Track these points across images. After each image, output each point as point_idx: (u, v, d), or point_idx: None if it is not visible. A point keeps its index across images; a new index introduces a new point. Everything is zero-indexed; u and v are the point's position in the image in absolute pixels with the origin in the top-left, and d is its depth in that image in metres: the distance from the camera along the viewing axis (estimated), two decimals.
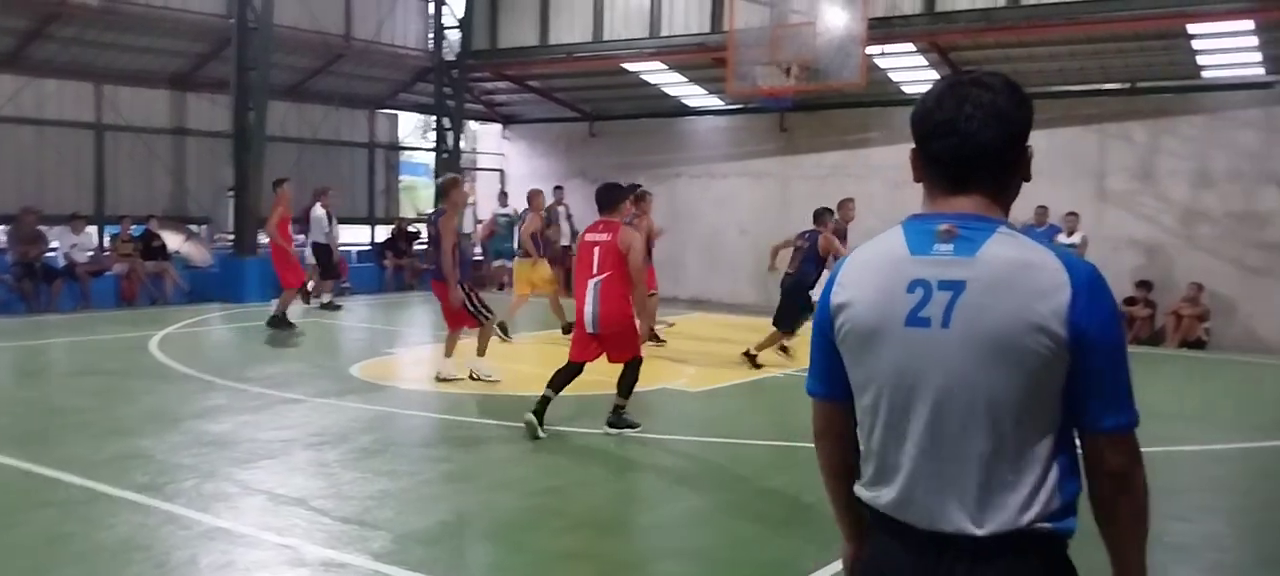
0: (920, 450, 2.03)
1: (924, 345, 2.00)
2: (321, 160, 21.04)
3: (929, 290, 2.00)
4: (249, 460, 7.16)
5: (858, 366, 2.13)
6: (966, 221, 2.03)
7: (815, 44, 15.18)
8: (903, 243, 2.07)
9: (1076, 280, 1.93)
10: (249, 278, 17.50)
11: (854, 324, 2.10)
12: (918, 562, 2.05)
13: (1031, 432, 1.97)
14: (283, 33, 18.00)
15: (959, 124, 2.05)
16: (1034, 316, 1.92)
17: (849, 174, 18.34)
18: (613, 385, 8.33)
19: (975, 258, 1.99)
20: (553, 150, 23.18)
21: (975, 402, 1.98)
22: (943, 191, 2.10)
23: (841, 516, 2.37)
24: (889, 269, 2.07)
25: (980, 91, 2.05)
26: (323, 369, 11.21)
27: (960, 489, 1.99)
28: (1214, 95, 15.82)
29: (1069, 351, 1.93)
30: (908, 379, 2.03)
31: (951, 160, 2.07)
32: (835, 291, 2.15)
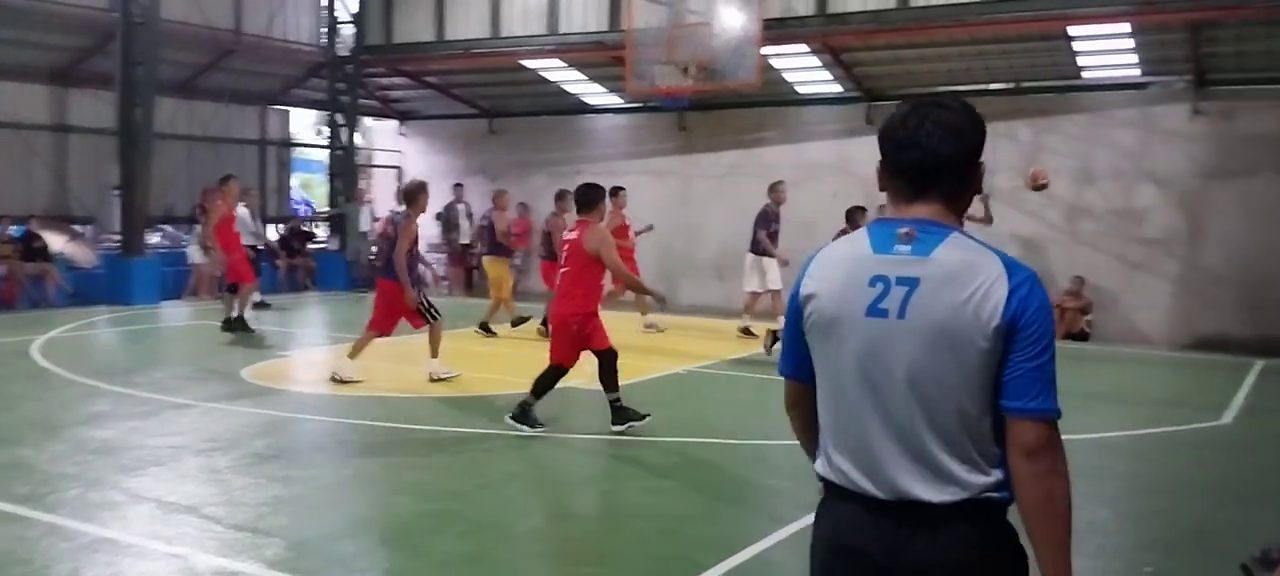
0: (877, 426, 2.28)
1: (882, 333, 2.26)
2: (212, 158, 20.46)
3: (888, 285, 2.27)
4: (136, 467, 6.96)
5: (822, 351, 2.38)
6: (924, 226, 2.30)
7: (712, 44, 15.34)
8: (867, 243, 2.35)
9: (1013, 280, 2.20)
10: (136, 279, 16.96)
11: (820, 313, 2.36)
12: (877, 528, 2.28)
13: (976, 412, 2.23)
14: (170, 27, 17.48)
15: (920, 139, 2.32)
16: (976, 310, 2.19)
17: (746, 172, 18.56)
18: (515, 386, 8.30)
19: (929, 258, 2.26)
20: (451, 147, 22.98)
21: (926, 385, 2.23)
22: (905, 198, 2.36)
23: None
24: (854, 265, 2.34)
25: (940, 111, 2.34)
26: (213, 372, 10.94)
27: (913, 461, 2.25)
28: (1094, 95, 16.42)
29: (1004, 340, 2.19)
30: (867, 362, 2.29)
31: (913, 171, 2.34)
32: (805, 283, 2.41)
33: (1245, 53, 15.18)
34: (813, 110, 18.66)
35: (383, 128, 24.81)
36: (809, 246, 9.02)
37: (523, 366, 11.61)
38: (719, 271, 18.38)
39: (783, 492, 6.92)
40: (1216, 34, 14.77)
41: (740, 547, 5.60)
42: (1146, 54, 15.48)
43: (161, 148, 18.02)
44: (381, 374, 11.60)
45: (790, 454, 7.68)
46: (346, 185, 21.29)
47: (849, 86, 17.92)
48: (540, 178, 20.56)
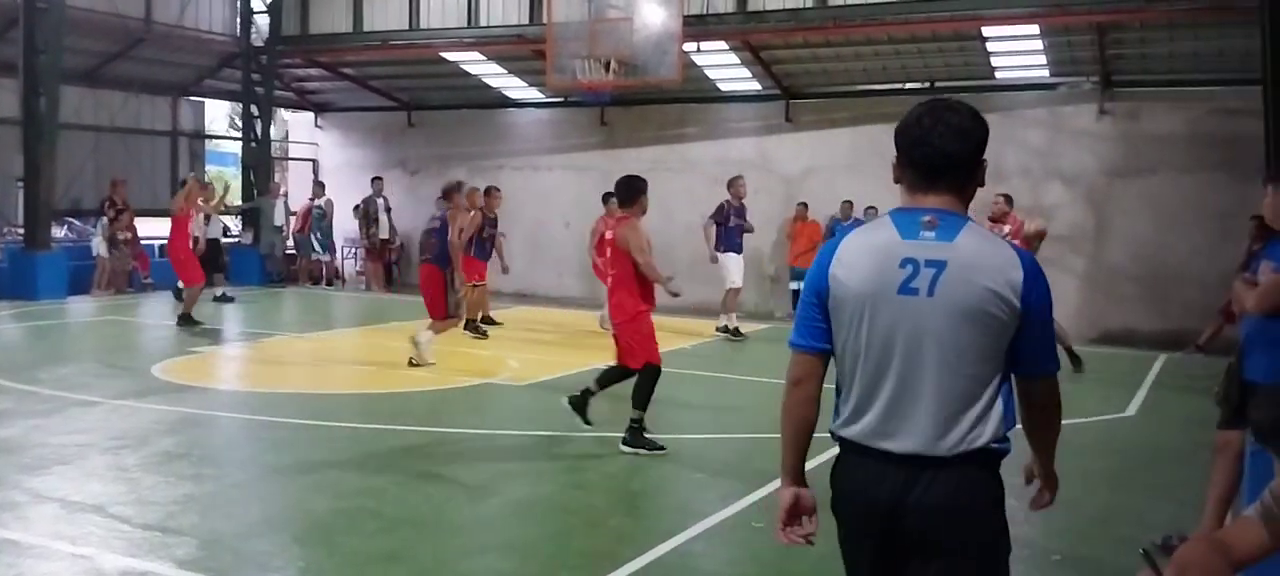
0: (902, 388, 2.62)
1: (913, 308, 2.60)
2: (120, 149, 19.96)
3: (917, 266, 2.60)
4: (39, 466, 6.75)
5: (848, 326, 2.69)
6: (942, 215, 2.64)
7: (633, 40, 15.34)
8: (893, 230, 2.67)
9: (1025, 265, 2.61)
10: (41, 274, 16.45)
11: (849, 292, 2.67)
12: (893, 478, 2.63)
13: (987, 375, 2.61)
14: (76, 14, 16.95)
15: (932, 138, 2.68)
16: (998, 290, 2.57)
17: (669, 168, 18.63)
18: (430, 382, 8.23)
19: (954, 243, 2.60)
20: (369, 140, 22.66)
21: (949, 353, 2.59)
22: (920, 189, 2.71)
23: (793, 460, 2.86)
24: (883, 250, 2.65)
25: (949, 114, 2.71)
26: (122, 369, 10.67)
27: (931, 418, 2.60)
28: (1006, 95, 16.78)
29: (1020, 316, 2.59)
30: (897, 334, 2.62)
31: (925, 166, 2.69)
32: (834, 265, 2.71)
33: (1148, 55, 15.66)
34: (734, 107, 18.79)
35: (299, 120, 24.39)
36: None
37: (445, 364, 11.54)
38: None
39: (701, 486, 6.97)
40: (1121, 37, 15.22)
41: (660, 541, 5.62)
42: (1055, 55, 15.88)
43: (67, 138, 17.50)
44: (297, 371, 11.43)
45: (708, 448, 7.76)
46: (261, 178, 20.88)
47: (768, 84, 18.09)
48: (460, 171, 20.29)
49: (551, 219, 19.97)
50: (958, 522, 2.62)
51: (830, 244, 2.78)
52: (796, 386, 2.81)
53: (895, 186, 2.77)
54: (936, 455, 2.60)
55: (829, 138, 17.76)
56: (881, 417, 2.65)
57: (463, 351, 12.45)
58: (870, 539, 2.70)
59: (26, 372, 10.09)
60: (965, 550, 2.64)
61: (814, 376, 2.79)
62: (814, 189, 17.53)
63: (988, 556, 2.68)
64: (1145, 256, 15.65)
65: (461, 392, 10.20)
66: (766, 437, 7.55)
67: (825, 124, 17.90)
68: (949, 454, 2.59)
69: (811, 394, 2.79)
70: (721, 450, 7.87)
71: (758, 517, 6.08)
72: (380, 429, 8.24)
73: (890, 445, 2.64)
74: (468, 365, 11.49)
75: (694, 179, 18.54)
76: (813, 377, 2.79)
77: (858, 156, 17.31)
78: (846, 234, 2.78)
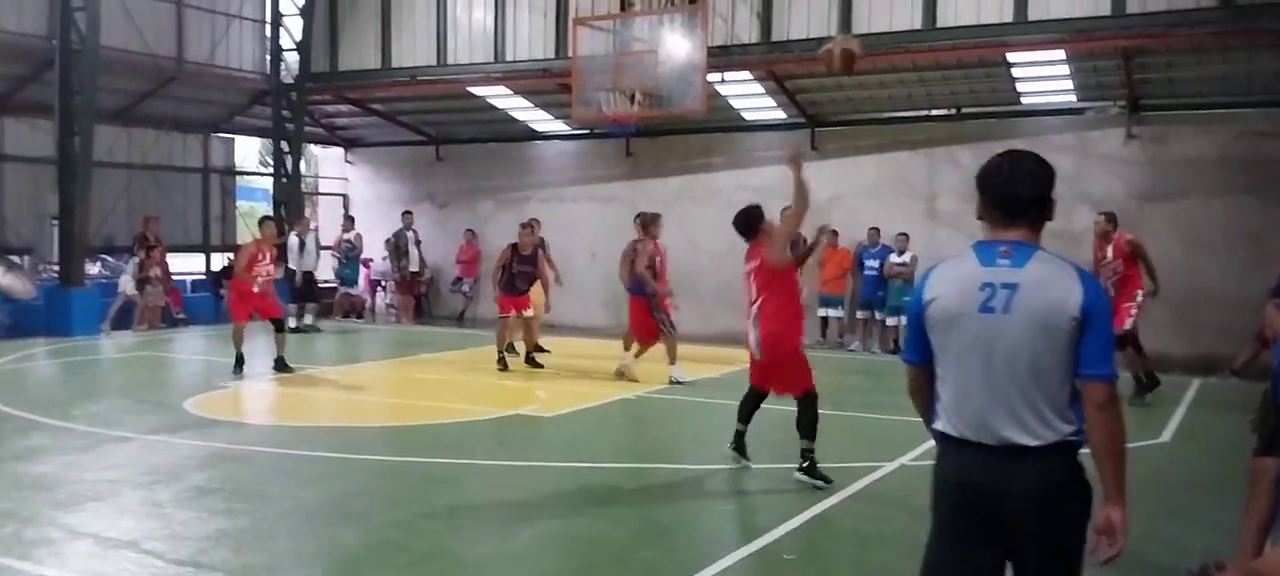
0: (988, 393, 3.16)
1: (992, 324, 3.15)
2: (152, 186, 20.21)
3: (994, 289, 3.15)
4: (74, 503, 6.83)
5: (944, 340, 3.26)
6: (1016, 245, 3.19)
7: (657, 72, 15.41)
8: (975, 260, 3.22)
9: (1085, 283, 3.12)
10: (76, 310, 16.67)
11: (942, 312, 3.24)
12: (986, 466, 3.17)
13: (1058, 379, 3.12)
14: (110, 55, 17.24)
15: (1012, 183, 3.25)
16: (1063, 305, 3.08)
17: (694, 198, 18.68)
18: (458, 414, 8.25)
19: (1024, 269, 3.15)
20: (398, 174, 22.86)
21: (1024, 361, 3.12)
22: (1001, 225, 3.24)
23: None
24: (967, 276, 3.22)
25: (1025, 161, 3.28)
26: (154, 404, 10.77)
27: (1015, 415, 3.13)
28: (1033, 120, 16.72)
29: (1080, 327, 3.07)
30: (980, 346, 3.16)
31: (1005, 205, 3.24)
32: (927, 291, 3.29)
33: (1176, 79, 15.57)
34: (758, 136, 18.82)
35: (329, 155, 24.63)
36: None
37: (474, 395, 11.60)
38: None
39: (731, 519, 6.96)
40: (1148, 61, 15.15)
41: (689, 573, 5.61)
42: (1082, 80, 15.82)
43: (101, 176, 17.75)
44: (327, 404, 11.51)
45: (734, 479, 7.74)
46: (292, 213, 21.08)
47: (793, 112, 18.11)
48: (488, 204, 20.53)
49: (578, 250, 20.00)
50: (1043, 502, 3.12)
51: (927, 272, 3.37)
52: (913, 396, 3.50)
53: (921, 213, 3.10)
54: (1022, 445, 3.12)
55: (855, 165, 17.74)
56: (974, 416, 3.19)
57: (492, 383, 12.50)
58: (971, 519, 3.22)
59: (61, 409, 10.21)
60: (1050, 524, 3.13)
61: (920, 382, 3.43)
62: (840, 216, 17.50)
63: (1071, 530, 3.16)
64: (1176, 281, 15.45)
65: (490, 424, 10.23)
66: (793, 468, 7.53)
67: (851, 151, 17.89)
68: (1032, 444, 3.11)
69: (923, 396, 3.43)
70: (752, 481, 7.85)
71: (788, 550, 6.06)
72: (409, 461, 8.27)
73: (983, 438, 3.17)
74: (496, 397, 11.53)
75: (719, 208, 18.48)
76: (920, 384, 3.43)
77: (884, 183, 17.30)
78: (937, 266, 3.36)
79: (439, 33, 19.42)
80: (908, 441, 8.90)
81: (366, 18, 20.27)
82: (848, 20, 15.93)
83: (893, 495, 7.47)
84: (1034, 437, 3.12)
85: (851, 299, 17.23)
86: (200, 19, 19.84)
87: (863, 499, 7.25)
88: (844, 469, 7.82)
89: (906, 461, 8.32)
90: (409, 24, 19.79)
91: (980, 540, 3.21)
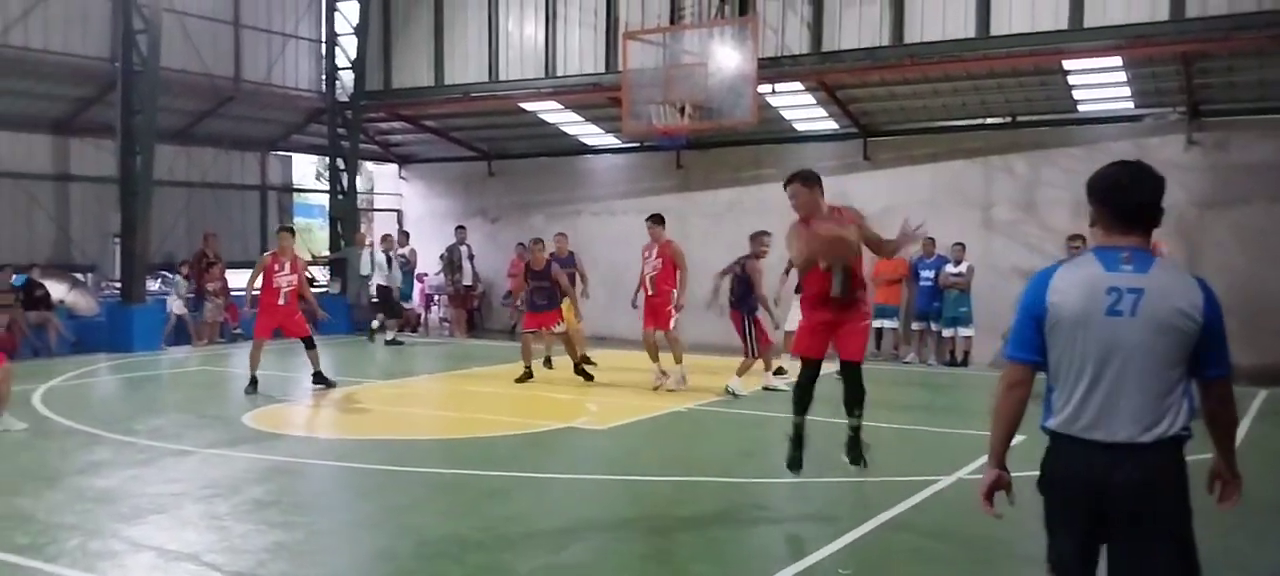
0: (1112, 390, 3.33)
1: (1119, 327, 3.32)
2: (211, 204, 20.60)
3: (1120, 293, 3.33)
4: (136, 516, 6.94)
5: (1064, 342, 3.40)
6: (1135, 252, 3.37)
7: (708, 84, 15.41)
8: (1098, 265, 3.39)
9: (1203, 290, 3.35)
10: (137, 326, 16.99)
11: (1066, 315, 3.38)
12: (1101, 461, 3.34)
13: (1176, 377, 3.34)
14: (170, 76, 17.61)
15: (1132, 192, 3.43)
16: (1186, 309, 3.30)
17: (745, 209, 18.61)
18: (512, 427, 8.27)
19: (1148, 274, 3.34)
20: (451, 190, 23.06)
21: (1147, 361, 3.31)
22: (1118, 232, 3.42)
23: (1001, 448, 3.59)
24: (1091, 281, 3.38)
25: (1141, 172, 3.44)
26: (213, 418, 10.93)
27: (1135, 413, 3.31)
28: (1089, 128, 16.48)
29: (1201, 328, 3.31)
30: (1105, 347, 3.33)
31: (1123, 213, 3.42)
32: (1050, 293, 3.42)
33: (1236, 83, 15.27)
34: (810, 147, 18.72)
35: (383, 171, 24.92)
36: None
37: (525, 409, 11.65)
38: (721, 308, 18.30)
39: (786, 532, 6.90)
40: (1208, 66, 14.87)
41: None
42: (1140, 86, 15.56)
43: (161, 194, 18.11)
44: (382, 417, 11.61)
45: (789, 492, 7.68)
46: (347, 229, 21.36)
47: (845, 123, 18.01)
48: (539, 218, 20.62)
49: (629, 263, 19.99)
50: (1154, 497, 3.32)
51: (1042, 275, 3.50)
52: (1012, 389, 3.54)
53: (977, 222, 3.06)
54: (1139, 443, 3.30)
55: (908, 175, 17.59)
56: (1095, 414, 3.35)
57: (543, 396, 12.54)
58: (1081, 512, 3.39)
59: (123, 424, 10.39)
60: (1159, 519, 3.32)
61: (1026, 383, 3.52)
62: (893, 227, 17.30)
63: (1178, 523, 3.36)
64: (1239, 288, 15.13)
65: (542, 437, 10.26)
66: (849, 482, 7.47)
67: (904, 161, 17.75)
68: (1149, 441, 3.31)
69: (1023, 397, 3.52)
70: (808, 495, 7.79)
71: (845, 564, 6.00)
72: (462, 474, 8.31)
73: (1101, 436, 3.34)
74: (548, 410, 11.56)
75: (770, 220, 18.40)
76: (1025, 384, 3.52)
77: (938, 193, 17.13)
78: (1056, 268, 3.50)
79: (490, 49, 19.59)
80: (966, 455, 8.79)
81: (419, 36, 20.51)
82: (899, 29, 15.83)
83: (950, 510, 7.37)
84: (1150, 434, 3.32)
85: (907, 309, 17.08)
86: (257, 39, 20.21)
87: (920, 513, 7.16)
88: (900, 482, 7.73)
89: (964, 475, 8.21)
90: (461, 41, 19.99)
91: (1093, 531, 3.41)
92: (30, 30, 16.88)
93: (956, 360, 16.29)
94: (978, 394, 12.92)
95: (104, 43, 17.71)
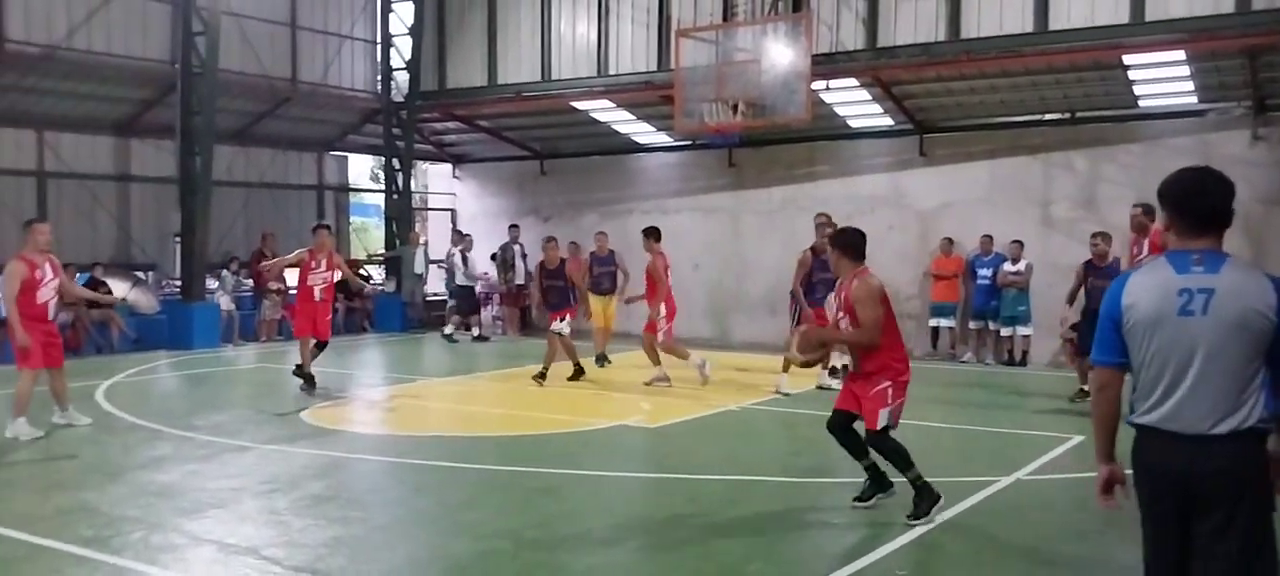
0: (1189, 386, 3.49)
1: (1191, 326, 3.48)
2: (269, 203, 20.88)
3: (1192, 294, 3.49)
4: (197, 510, 7.05)
5: (1142, 342, 3.57)
6: (1207, 254, 3.54)
7: (761, 81, 15.33)
8: (1170, 268, 3.56)
9: (1276, 287, 3.46)
10: (197, 324, 17.28)
11: (1141, 317, 3.56)
12: (1183, 452, 3.51)
13: (1250, 373, 3.47)
14: (228, 77, 17.88)
15: (1206, 197, 3.60)
16: (1258, 307, 3.44)
17: (799, 207, 18.48)
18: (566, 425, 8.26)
19: (1219, 274, 3.49)
20: (504, 189, 23.17)
21: (1220, 358, 3.45)
22: (1191, 236, 3.58)
23: (1107, 445, 3.77)
24: (1164, 283, 3.55)
25: (1212, 178, 3.60)
26: (272, 415, 11.07)
27: (1212, 406, 3.47)
28: (1151, 123, 16.15)
29: (1275, 327, 3.43)
30: (1181, 346, 3.49)
31: (1197, 217, 3.58)
32: (1124, 297, 3.62)
33: None
34: (865, 143, 18.56)
35: (437, 171, 25.10)
36: None
37: (578, 407, 11.67)
38: (771, 307, 18.25)
39: (841, 533, 6.84)
40: (1275, 60, 14.49)
41: None
42: (1203, 80, 15.22)
43: (219, 194, 18.38)
44: (438, 414, 11.69)
45: (842, 492, 7.60)
46: (402, 228, 21.56)
47: (901, 119, 17.81)
48: (591, 217, 20.64)
49: (681, 261, 19.97)
50: (1233, 485, 3.46)
51: (1118, 281, 3.70)
52: (1102, 391, 3.76)
53: (1036, 219, 3.07)
54: (1217, 434, 3.45)
55: (965, 171, 17.37)
56: (1174, 408, 3.51)
57: (596, 394, 12.55)
58: (1168, 499, 3.56)
59: (183, 419, 10.56)
60: (1239, 507, 3.45)
61: (1114, 383, 3.72)
62: (951, 224, 17.17)
63: (1257, 512, 3.49)
64: None
65: (595, 435, 10.27)
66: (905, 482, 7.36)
67: (961, 157, 17.52)
68: (1225, 432, 3.45)
69: (1114, 397, 3.72)
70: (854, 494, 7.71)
71: (900, 566, 5.93)
72: (516, 471, 8.34)
73: (1181, 428, 3.50)
74: (601, 408, 11.57)
75: None
76: (1113, 385, 3.72)
77: (996, 190, 16.89)
78: (1130, 275, 3.69)
79: (543, 49, 19.66)
80: (1023, 456, 8.66)
81: (473, 36, 20.64)
82: (956, 24, 15.65)
83: (1008, 511, 7.26)
84: (1227, 425, 3.45)
85: (964, 308, 16.88)
86: (313, 41, 20.46)
87: (977, 514, 7.06)
88: (957, 483, 7.63)
89: (1022, 476, 8.09)
90: (514, 41, 20.09)
91: (1180, 520, 3.55)
92: (93, 34, 17.23)
93: (1014, 359, 16.06)
94: (1035, 394, 12.73)
95: (164, 45, 18.02)
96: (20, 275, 9.47)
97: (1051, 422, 10.54)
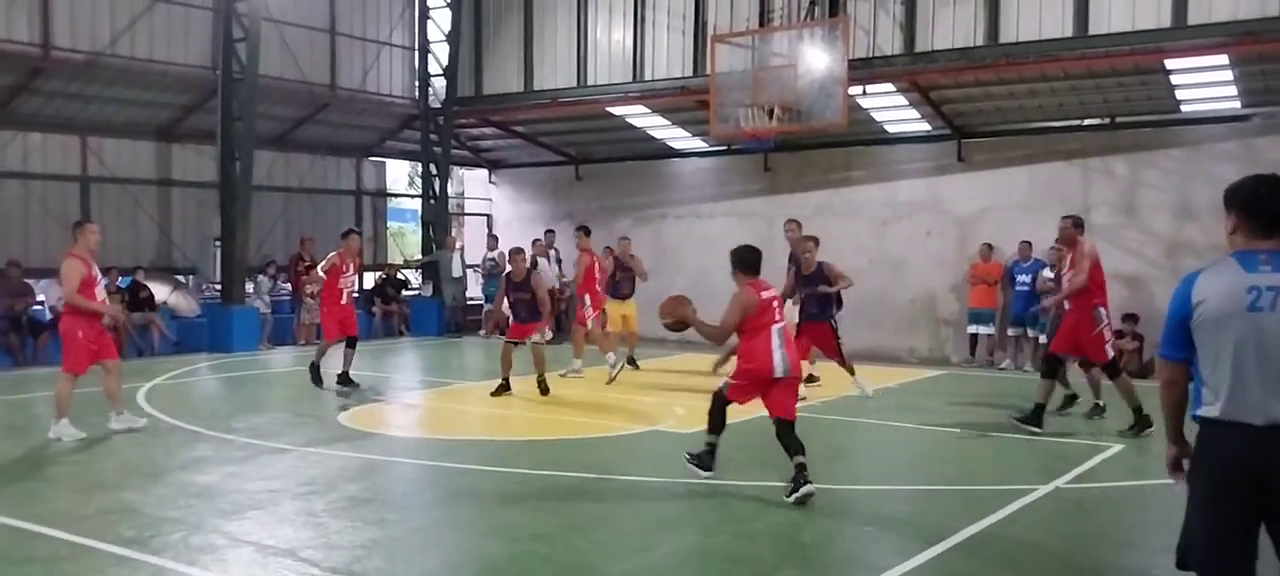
0: (1257, 380, 3.64)
1: (1261, 321, 3.65)
2: (308, 208, 21.08)
3: (1260, 292, 3.67)
4: (236, 511, 7.12)
5: (1211, 338, 3.72)
6: (1274, 254, 3.72)
7: (797, 86, 15.28)
8: (1239, 268, 3.73)
9: None
10: (236, 327, 17.47)
11: (1211, 313, 3.72)
12: (1253, 444, 3.64)
13: None
14: (268, 83, 18.09)
15: (1267, 200, 3.78)
16: None
17: (834, 212, 18.46)
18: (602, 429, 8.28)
19: None
20: (539, 194, 23.26)
21: None
22: (1258, 237, 3.77)
23: (1176, 429, 4.01)
24: (1233, 282, 3.72)
25: (1274, 182, 3.79)
26: (310, 417, 11.17)
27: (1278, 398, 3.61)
28: (1193, 129, 15.96)
29: None
30: (1250, 341, 3.65)
31: (1264, 219, 3.77)
32: (1194, 294, 3.77)
33: None
34: (902, 148, 18.47)
35: (474, 176, 25.26)
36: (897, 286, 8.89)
37: (611, 411, 11.68)
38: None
39: (872, 540, 6.80)
40: None
41: None
42: (1247, 84, 15.01)
43: (259, 199, 18.59)
44: (473, 418, 11.75)
45: (880, 499, 7.57)
46: (439, 233, 21.71)
47: (938, 124, 17.72)
48: (626, 222, 20.68)
49: (716, 266, 19.92)
50: None
51: (1187, 281, 3.83)
52: (1168, 386, 3.94)
53: None
54: None
55: (1004, 177, 17.24)
56: (1242, 401, 3.65)
57: (629, 399, 12.56)
58: (1242, 492, 3.66)
59: (223, 421, 10.68)
60: None
61: (1180, 377, 3.89)
62: (990, 230, 17.05)
63: None
64: None
65: (629, 439, 10.28)
66: (940, 491, 7.32)
67: (1000, 163, 17.39)
68: None
69: (1181, 389, 3.90)
70: (894, 502, 7.67)
71: (937, 574, 5.88)
72: (551, 475, 8.35)
73: (1252, 419, 3.63)
74: (634, 412, 11.57)
75: (860, 222, 18.34)
76: (1179, 380, 3.90)
77: (1035, 195, 16.74)
78: (1198, 275, 3.81)
79: (579, 55, 19.74)
80: (1062, 464, 8.57)
81: (510, 43, 20.76)
82: (995, 28, 15.55)
83: (1046, 520, 7.19)
84: None
85: (1002, 315, 16.73)
86: (352, 47, 20.64)
87: (1014, 524, 6.99)
88: (994, 492, 7.56)
89: (1061, 485, 8.00)
90: (551, 47, 20.17)
91: (1247, 509, 3.67)
92: (136, 40, 17.49)
93: None
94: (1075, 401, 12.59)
95: (205, 52, 18.25)
96: (79, 271, 9.67)
97: (1091, 431, 10.43)
